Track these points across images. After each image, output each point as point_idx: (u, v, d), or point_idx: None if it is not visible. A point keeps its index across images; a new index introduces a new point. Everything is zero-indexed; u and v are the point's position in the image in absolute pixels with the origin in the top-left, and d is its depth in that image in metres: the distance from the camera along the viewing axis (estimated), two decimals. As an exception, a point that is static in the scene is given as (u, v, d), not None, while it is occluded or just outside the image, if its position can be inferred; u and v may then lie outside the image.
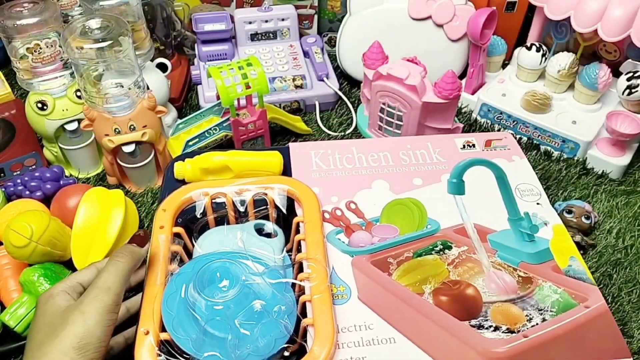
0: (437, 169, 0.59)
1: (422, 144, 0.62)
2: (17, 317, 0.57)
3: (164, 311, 0.43)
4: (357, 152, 0.60)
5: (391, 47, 0.79)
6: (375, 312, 0.46)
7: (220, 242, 0.50)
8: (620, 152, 0.76)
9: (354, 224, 0.53)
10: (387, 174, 0.58)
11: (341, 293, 0.47)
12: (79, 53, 0.64)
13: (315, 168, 0.58)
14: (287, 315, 0.43)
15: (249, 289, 0.43)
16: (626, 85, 0.76)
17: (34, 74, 0.71)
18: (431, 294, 0.47)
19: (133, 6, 0.74)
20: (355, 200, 0.55)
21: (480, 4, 0.87)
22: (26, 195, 0.70)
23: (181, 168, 0.55)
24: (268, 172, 0.56)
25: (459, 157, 0.60)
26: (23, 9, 0.69)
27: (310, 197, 0.53)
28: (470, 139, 0.62)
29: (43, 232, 0.59)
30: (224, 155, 0.56)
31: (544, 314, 0.46)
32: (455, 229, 0.53)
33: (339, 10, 0.99)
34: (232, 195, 0.53)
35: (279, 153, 0.57)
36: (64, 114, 0.73)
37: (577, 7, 0.77)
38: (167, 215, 0.51)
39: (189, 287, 0.43)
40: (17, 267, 0.63)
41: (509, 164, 0.60)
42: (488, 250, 0.51)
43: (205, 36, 0.92)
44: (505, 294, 0.47)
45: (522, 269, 0.50)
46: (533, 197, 0.57)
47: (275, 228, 0.53)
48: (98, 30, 0.65)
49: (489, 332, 0.44)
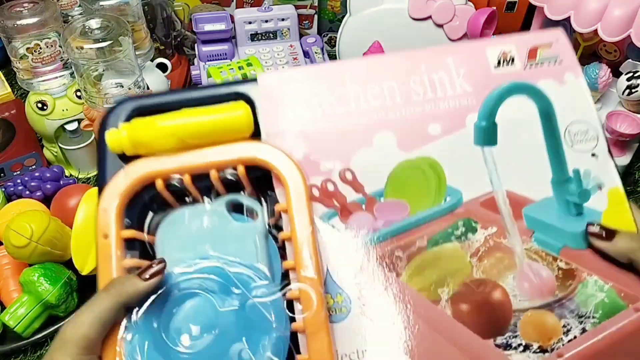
0: (461, 106, 0.42)
1: (441, 62, 0.44)
2: (17, 317, 0.58)
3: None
4: (351, 84, 0.43)
5: (391, 47, 0.79)
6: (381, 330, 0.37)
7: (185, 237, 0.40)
8: (620, 152, 0.76)
9: (351, 203, 0.41)
10: (393, 121, 0.42)
11: (338, 306, 0.37)
12: (79, 53, 0.64)
13: (296, 116, 0.42)
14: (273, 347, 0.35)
15: (227, 327, 0.35)
16: (626, 85, 0.76)
17: (34, 74, 0.71)
18: (449, 301, 0.38)
19: (133, 6, 0.74)
20: (352, 166, 0.41)
21: (480, 4, 0.87)
22: (26, 195, 0.70)
23: (116, 137, 0.40)
24: (234, 133, 0.41)
25: (492, 81, 0.43)
26: (23, 9, 0.69)
27: (294, 173, 0.40)
28: (509, 49, 0.44)
29: (43, 232, 0.59)
30: (171, 118, 0.41)
31: (584, 322, 0.38)
32: (483, 201, 0.41)
33: (339, 11, 0.99)
34: (190, 172, 0.40)
35: (244, 103, 0.41)
36: (64, 113, 0.73)
37: (577, 7, 0.77)
38: (110, 217, 0.38)
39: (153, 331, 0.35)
40: (17, 267, 0.63)
41: (559, 89, 0.43)
42: (523, 232, 0.40)
43: (205, 36, 0.92)
44: (541, 297, 0.38)
45: (563, 258, 0.39)
46: (588, 143, 0.42)
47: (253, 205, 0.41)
48: (98, 30, 0.65)
49: (517, 353, 0.36)
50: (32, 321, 0.58)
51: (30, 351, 0.59)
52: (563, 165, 0.41)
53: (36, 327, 0.59)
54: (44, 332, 0.59)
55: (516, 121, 0.43)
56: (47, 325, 0.60)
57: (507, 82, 0.43)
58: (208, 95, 0.44)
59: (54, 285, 0.59)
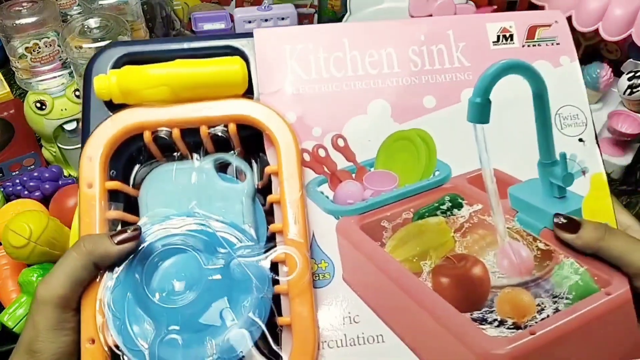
0: (457, 80, 0.43)
1: (442, 34, 0.44)
2: (16, 318, 0.57)
3: (109, 314, 0.35)
4: (351, 49, 0.43)
5: (391, 46, 0.79)
6: (362, 299, 0.38)
7: (171, 192, 0.39)
8: (621, 152, 0.76)
9: (341, 171, 0.41)
10: (389, 89, 0.42)
11: (322, 272, 0.38)
12: (78, 52, 0.63)
13: (291, 77, 0.41)
14: (257, 309, 0.35)
15: (210, 284, 0.35)
16: (627, 85, 0.76)
17: (32, 73, 0.71)
18: (430, 274, 0.38)
19: (132, 5, 0.74)
20: (345, 133, 0.41)
21: (481, 3, 0.87)
22: (25, 195, 0.70)
23: (104, 83, 0.38)
24: (227, 87, 0.40)
25: (490, 57, 0.43)
26: (22, 8, 0.69)
27: (284, 133, 0.39)
28: (509, 25, 0.44)
29: (42, 233, 0.58)
30: (163, 67, 0.39)
31: (558, 302, 0.38)
32: (470, 178, 0.41)
33: (339, 10, 0.99)
34: (179, 126, 0.39)
35: (239, 59, 0.40)
36: (62, 113, 0.73)
37: (578, 6, 0.76)
38: (94, 166, 0.37)
39: (136, 284, 0.35)
40: (16, 268, 0.63)
41: (553, 71, 0.44)
42: (507, 211, 0.41)
43: (205, 35, 0.92)
44: (519, 275, 0.39)
45: (543, 239, 0.40)
46: (577, 128, 0.42)
47: (242, 166, 0.40)
48: (97, 30, 0.65)
49: (492, 327, 0.37)
50: (31, 322, 0.58)
51: (29, 352, 0.59)
52: (550, 148, 0.42)
53: (35, 327, 0.59)
54: (42, 333, 0.59)
55: (509, 101, 0.43)
56: (46, 325, 0.60)
57: (504, 60, 0.43)
58: (200, 47, 0.42)
59: (52, 285, 0.59)
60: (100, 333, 0.34)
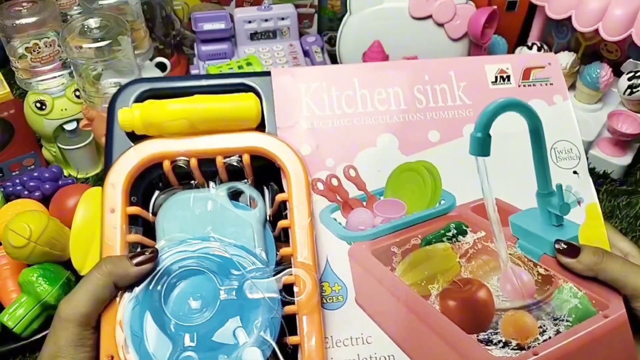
0: (459, 117, 0.46)
1: (444, 75, 0.48)
2: (16, 318, 0.57)
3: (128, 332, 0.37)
4: (360, 87, 0.46)
5: (392, 46, 0.79)
6: (374, 321, 0.40)
7: (187, 218, 0.41)
8: (621, 152, 0.76)
9: (353, 199, 0.43)
10: (396, 125, 0.46)
11: (336, 294, 0.40)
12: (78, 52, 0.63)
13: (306, 113, 0.45)
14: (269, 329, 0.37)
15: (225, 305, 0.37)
16: (627, 85, 0.76)
17: (32, 73, 0.71)
18: (438, 297, 0.41)
19: (132, 5, 0.74)
20: (356, 164, 0.44)
21: (481, 3, 0.87)
22: (25, 196, 0.70)
23: (128, 116, 0.41)
24: (242, 121, 0.43)
25: (489, 96, 0.47)
26: (22, 8, 0.69)
27: (296, 165, 0.42)
28: (505, 67, 0.48)
29: (42, 233, 0.58)
30: (182, 102, 0.42)
31: (558, 324, 0.41)
32: (473, 206, 0.44)
33: (339, 10, 0.99)
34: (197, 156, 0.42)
35: (254, 95, 0.44)
36: (62, 113, 0.73)
37: (578, 6, 0.76)
38: (117, 193, 0.40)
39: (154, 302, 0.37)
40: (16, 268, 0.63)
41: (548, 109, 0.47)
42: (508, 238, 0.43)
43: (205, 35, 0.92)
44: (521, 298, 0.42)
45: (543, 265, 0.43)
46: (571, 161, 0.46)
47: (254, 195, 0.43)
48: (97, 30, 0.65)
49: (497, 348, 0.39)
50: (31, 322, 0.58)
51: (28, 352, 0.59)
52: (547, 180, 0.45)
53: (35, 327, 0.59)
54: (42, 333, 0.59)
55: (508, 135, 0.46)
56: (46, 325, 0.60)
57: (502, 98, 0.47)
58: (217, 84, 0.45)
59: (52, 285, 0.59)
60: (120, 350, 0.36)
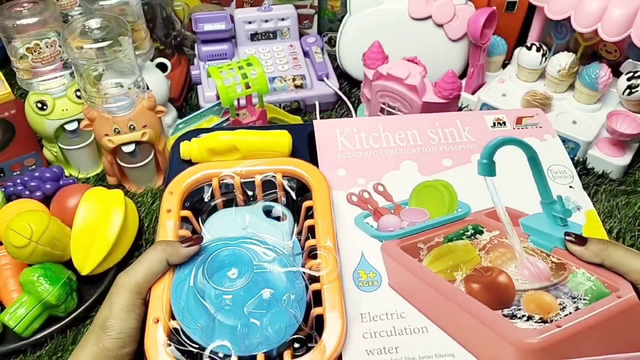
0: (466, 149, 0.57)
1: (451, 122, 0.60)
2: (17, 317, 0.57)
3: (173, 299, 0.43)
4: (384, 131, 0.58)
5: (391, 47, 0.79)
6: (406, 300, 0.45)
7: (229, 225, 0.50)
8: (620, 152, 0.76)
9: (382, 208, 0.52)
10: (415, 155, 0.56)
11: (371, 280, 0.47)
12: (79, 53, 0.64)
13: (341, 148, 0.57)
14: (296, 303, 0.43)
15: (258, 277, 0.44)
16: (626, 85, 0.76)
17: (33, 73, 0.71)
18: (462, 282, 0.46)
19: (133, 6, 0.74)
20: (383, 182, 0.54)
21: (481, 4, 0.87)
22: (26, 195, 0.70)
23: (187, 147, 0.54)
24: (276, 152, 0.55)
25: (490, 135, 0.58)
26: (23, 8, 0.69)
27: (319, 180, 0.52)
28: (501, 116, 0.60)
29: (43, 232, 0.59)
30: (230, 134, 0.54)
31: (577, 302, 0.45)
32: (487, 213, 0.52)
33: (339, 10, 0.99)
34: (240, 177, 0.52)
35: (287, 132, 0.56)
36: (63, 113, 0.73)
37: (577, 7, 0.77)
38: (174, 198, 0.50)
39: (197, 275, 0.44)
40: (17, 267, 0.63)
41: (540, 144, 0.58)
42: (520, 235, 0.50)
43: (205, 36, 0.92)
44: (539, 281, 0.46)
45: (555, 255, 0.48)
46: (566, 179, 0.54)
47: (284, 211, 0.52)
48: (98, 30, 0.65)
49: (521, 321, 0.43)
50: (32, 321, 0.58)
51: (30, 351, 0.59)
52: (548, 191, 0.54)
53: (36, 327, 0.59)
54: (43, 333, 0.59)
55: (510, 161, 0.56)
56: (47, 325, 0.60)
57: (501, 136, 0.58)
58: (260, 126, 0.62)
59: (53, 285, 0.59)
60: (164, 314, 0.42)
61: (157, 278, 0.44)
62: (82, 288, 0.63)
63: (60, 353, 0.59)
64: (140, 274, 0.43)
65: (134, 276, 0.43)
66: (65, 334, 0.61)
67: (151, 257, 0.43)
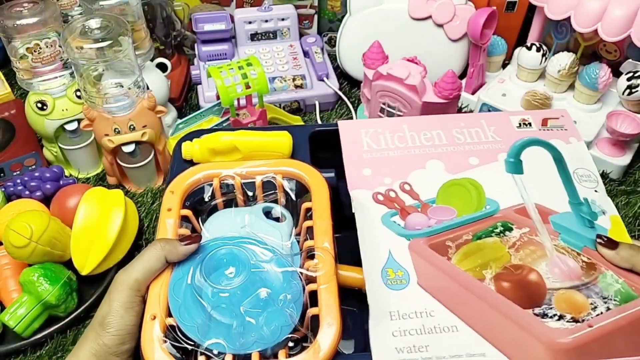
0: (493, 148, 0.56)
1: (476, 122, 0.59)
2: (17, 317, 0.57)
3: (171, 297, 0.43)
4: (409, 131, 0.58)
5: (391, 47, 0.79)
6: (435, 298, 0.45)
7: (228, 225, 0.50)
8: (620, 152, 0.76)
9: (409, 206, 0.51)
10: (441, 154, 0.56)
11: (399, 278, 0.46)
12: (79, 53, 0.64)
13: (367, 148, 0.56)
14: (293, 303, 0.43)
15: (255, 276, 0.44)
16: (626, 85, 0.76)
17: (33, 73, 0.71)
18: (492, 280, 0.46)
19: (133, 6, 0.74)
20: (409, 181, 0.53)
21: (481, 4, 0.87)
22: (26, 195, 0.70)
23: (189, 148, 0.54)
24: (277, 153, 0.55)
25: (515, 135, 0.57)
26: (23, 8, 0.69)
27: (319, 181, 0.52)
28: (526, 117, 0.59)
29: (43, 232, 0.59)
30: (232, 135, 0.55)
31: (608, 302, 0.44)
32: (516, 209, 0.51)
33: (339, 10, 0.99)
34: (241, 177, 0.53)
35: (288, 133, 0.56)
36: (63, 113, 0.73)
37: (577, 7, 0.77)
38: (175, 198, 0.50)
39: (195, 273, 0.44)
40: (17, 267, 0.63)
41: (565, 146, 0.57)
42: (550, 233, 0.49)
43: (205, 36, 0.92)
44: (570, 280, 0.46)
45: (585, 254, 0.48)
46: (591, 183, 0.54)
47: (284, 212, 0.53)
48: (98, 30, 0.65)
49: (552, 321, 0.43)
50: (32, 321, 0.58)
51: (30, 351, 0.59)
52: (575, 192, 0.53)
53: (36, 327, 0.59)
54: (43, 332, 0.59)
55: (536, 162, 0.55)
56: (47, 325, 0.60)
57: (527, 136, 0.57)
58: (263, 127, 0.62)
59: (53, 285, 0.59)
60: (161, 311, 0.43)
61: (155, 275, 0.44)
62: (82, 288, 0.63)
63: (60, 353, 0.59)
64: (139, 272, 0.43)
65: (133, 273, 0.43)
66: (65, 334, 0.60)
67: (150, 255, 0.44)
